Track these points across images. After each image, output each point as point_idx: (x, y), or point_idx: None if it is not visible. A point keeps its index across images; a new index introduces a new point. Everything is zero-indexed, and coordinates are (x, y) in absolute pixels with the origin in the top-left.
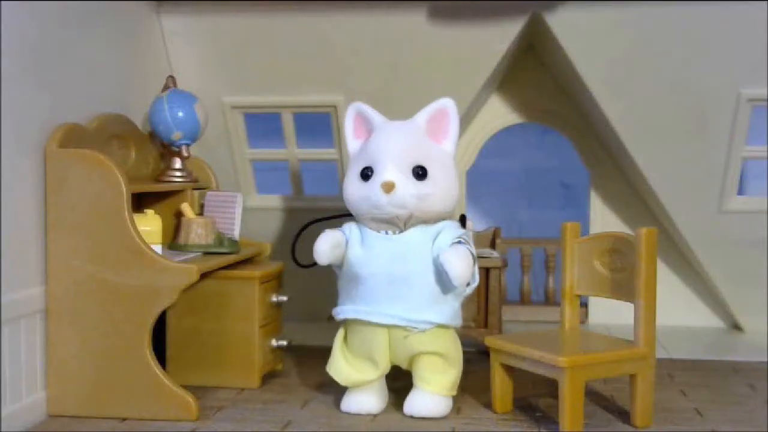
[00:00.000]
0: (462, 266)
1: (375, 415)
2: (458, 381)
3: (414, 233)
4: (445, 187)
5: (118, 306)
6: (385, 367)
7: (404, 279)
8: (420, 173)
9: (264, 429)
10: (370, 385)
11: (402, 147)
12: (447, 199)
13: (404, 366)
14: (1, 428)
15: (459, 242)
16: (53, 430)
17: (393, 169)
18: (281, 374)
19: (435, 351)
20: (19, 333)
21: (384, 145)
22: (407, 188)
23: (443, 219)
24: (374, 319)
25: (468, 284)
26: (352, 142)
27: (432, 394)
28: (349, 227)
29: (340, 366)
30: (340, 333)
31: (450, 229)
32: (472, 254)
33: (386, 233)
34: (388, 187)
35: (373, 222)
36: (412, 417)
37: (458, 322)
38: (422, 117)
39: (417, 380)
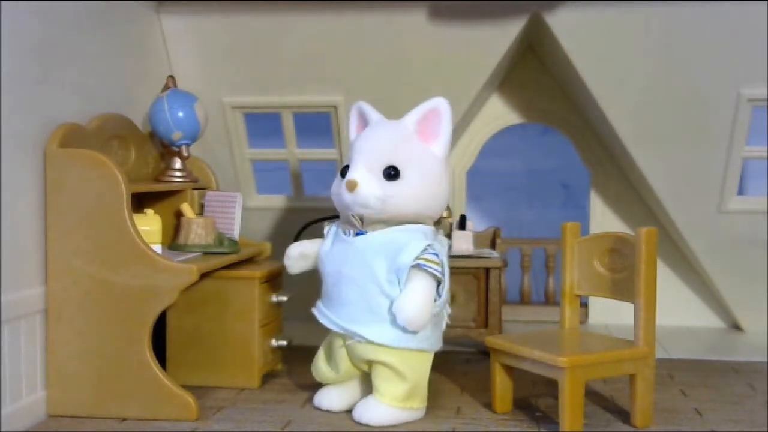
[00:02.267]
0: (413, 313)
1: (336, 413)
2: (417, 395)
3: (370, 238)
4: (419, 189)
5: (118, 306)
6: (347, 370)
7: (347, 283)
8: (392, 174)
9: (264, 429)
10: (338, 384)
11: (376, 146)
12: (420, 201)
13: (366, 370)
14: (1, 428)
15: (419, 265)
16: (53, 430)
17: (361, 168)
18: (281, 374)
19: (383, 361)
20: (19, 333)
21: (360, 144)
22: (370, 188)
23: (419, 222)
24: (321, 320)
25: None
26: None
27: (378, 403)
28: (330, 225)
29: (318, 362)
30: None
31: (414, 243)
32: (437, 275)
33: (347, 234)
34: (351, 186)
35: (341, 221)
36: (357, 422)
37: (412, 344)
38: (412, 117)
39: (372, 387)
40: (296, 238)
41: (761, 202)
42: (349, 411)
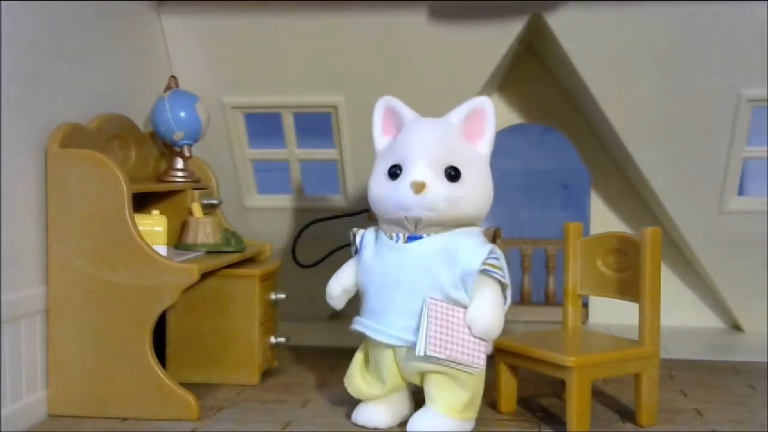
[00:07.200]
0: (490, 323)
1: (383, 430)
2: (474, 404)
3: (429, 242)
4: (478, 190)
5: (119, 306)
6: (394, 384)
7: (404, 291)
8: (452, 174)
9: (264, 429)
10: (382, 398)
11: (434, 145)
12: (479, 203)
13: (417, 383)
14: (1, 428)
15: (486, 270)
16: (53, 430)
17: (424, 168)
18: (281, 374)
19: (441, 370)
20: (19, 333)
21: (415, 142)
22: (439, 189)
23: (472, 224)
24: (378, 337)
25: None
26: (380, 138)
27: (436, 413)
28: (365, 233)
29: (355, 381)
30: (363, 344)
31: (475, 248)
32: (502, 280)
33: (397, 239)
34: (419, 187)
35: (385, 224)
36: None
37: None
38: (457, 116)
39: (426, 397)
40: (297, 239)
41: (761, 202)
42: (398, 425)
